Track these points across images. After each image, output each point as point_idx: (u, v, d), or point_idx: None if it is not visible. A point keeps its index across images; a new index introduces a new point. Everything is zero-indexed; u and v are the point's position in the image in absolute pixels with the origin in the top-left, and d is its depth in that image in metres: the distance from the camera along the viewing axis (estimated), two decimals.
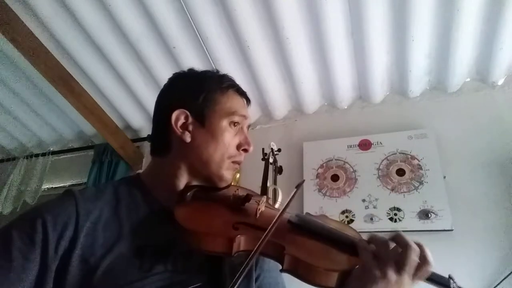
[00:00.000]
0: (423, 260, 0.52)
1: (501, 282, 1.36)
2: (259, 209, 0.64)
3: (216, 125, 0.67)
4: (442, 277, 0.55)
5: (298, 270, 0.55)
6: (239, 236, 0.57)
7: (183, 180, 0.68)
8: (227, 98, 0.70)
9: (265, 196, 0.68)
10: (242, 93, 0.74)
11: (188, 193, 0.66)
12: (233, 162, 0.69)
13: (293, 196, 0.62)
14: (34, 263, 0.51)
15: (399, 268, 0.51)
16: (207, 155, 0.66)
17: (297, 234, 0.61)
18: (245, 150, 0.70)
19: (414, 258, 0.52)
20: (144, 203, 0.65)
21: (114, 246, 0.56)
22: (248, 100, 0.76)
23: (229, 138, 0.68)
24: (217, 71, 0.76)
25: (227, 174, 0.68)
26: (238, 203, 0.65)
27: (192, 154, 0.67)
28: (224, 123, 0.68)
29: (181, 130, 0.67)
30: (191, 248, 0.57)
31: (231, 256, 0.56)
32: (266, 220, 0.56)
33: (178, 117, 0.67)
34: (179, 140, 0.67)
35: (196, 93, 0.68)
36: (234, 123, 0.69)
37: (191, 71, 0.74)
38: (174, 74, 0.75)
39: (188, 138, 0.66)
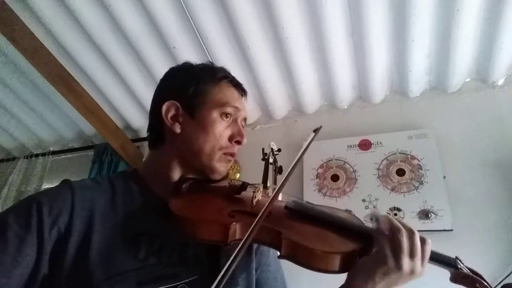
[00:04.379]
0: (421, 240, 0.53)
1: (501, 281, 1.36)
2: (255, 197, 0.63)
3: (205, 116, 0.66)
4: (449, 258, 0.57)
5: (296, 255, 0.53)
6: (234, 223, 0.55)
7: (176, 172, 0.68)
8: (218, 89, 0.69)
9: (262, 185, 0.67)
10: (236, 85, 0.73)
11: (184, 185, 0.66)
12: (225, 153, 0.67)
13: (311, 141, 0.61)
14: (30, 246, 0.51)
15: (413, 255, 0.51)
16: (197, 146, 0.65)
17: (294, 220, 0.60)
18: (238, 142, 0.68)
19: (418, 240, 0.52)
20: (140, 195, 0.64)
21: (110, 234, 0.56)
22: (244, 92, 0.74)
23: (220, 129, 0.66)
24: (212, 64, 0.74)
25: (220, 166, 0.67)
26: (234, 192, 0.64)
27: (182, 145, 0.66)
28: (215, 114, 0.66)
29: (171, 122, 0.67)
30: (187, 237, 0.56)
31: (227, 244, 0.55)
32: (263, 208, 0.56)
33: (169, 108, 0.67)
34: (170, 131, 0.67)
35: (187, 85, 0.68)
36: (226, 114, 0.67)
37: (186, 64, 0.74)
38: (169, 68, 0.75)
39: (178, 129, 0.66)
